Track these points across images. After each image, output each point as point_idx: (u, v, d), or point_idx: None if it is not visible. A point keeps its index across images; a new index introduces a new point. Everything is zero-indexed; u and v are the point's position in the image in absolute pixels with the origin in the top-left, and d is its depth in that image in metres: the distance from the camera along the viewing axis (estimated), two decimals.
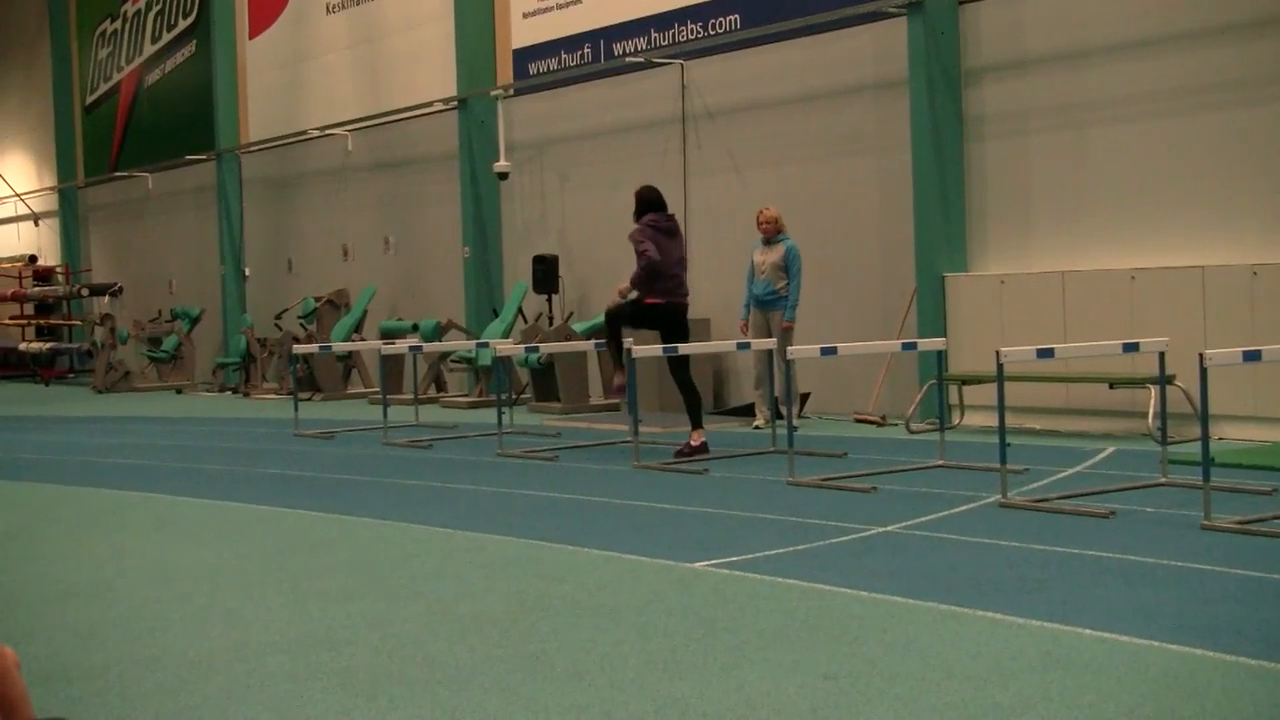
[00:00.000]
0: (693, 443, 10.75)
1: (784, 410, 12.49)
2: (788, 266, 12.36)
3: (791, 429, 9.43)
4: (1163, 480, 8.36)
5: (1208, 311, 10.63)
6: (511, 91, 17.58)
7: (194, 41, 24.29)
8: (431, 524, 8.02)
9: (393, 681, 4.70)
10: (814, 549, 6.83)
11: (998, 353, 7.90)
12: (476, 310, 17.79)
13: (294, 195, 22.19)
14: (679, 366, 11.07)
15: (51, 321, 27.74)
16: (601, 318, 15.53)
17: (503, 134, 17.38)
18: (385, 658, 5.02)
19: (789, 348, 10.09)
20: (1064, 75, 12.00)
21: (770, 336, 12.16)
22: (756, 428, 12.60)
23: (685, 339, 11.10)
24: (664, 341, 11.05)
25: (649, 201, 11.14)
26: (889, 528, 7.28)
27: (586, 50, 16.63)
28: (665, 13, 15.59)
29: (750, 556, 6.64)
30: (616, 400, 11.94)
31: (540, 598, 5.95)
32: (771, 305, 12.45)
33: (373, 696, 4.54)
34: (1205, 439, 7.05)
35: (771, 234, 12.56)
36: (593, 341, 14.04)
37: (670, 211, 11.20)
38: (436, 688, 4.61)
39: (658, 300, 10.98)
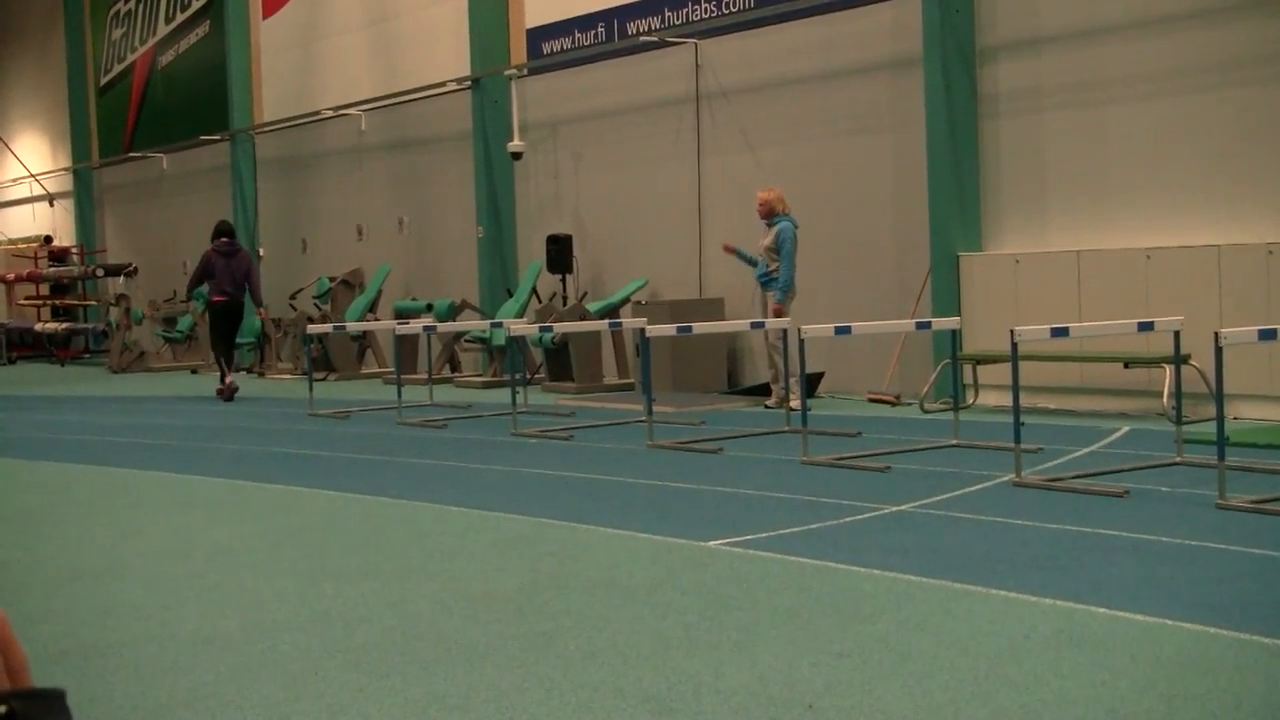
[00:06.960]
0: (226, 384, 15.87)
1: (775, 389, 12.56)
2: (778, 248, 12.38)
3: (805, 408, 9.42)
4: (1177, 459, 8.34)
5: (1223, 290, 10.59)
6: (525, 71, 17.54)
7: (208, 21, 24.28)
8: (446, 503, 8.04)
9: (406, 660, 4.72)
10: (827, 528, 6.83)
11: (1012, 332, 7.88)
12: (490, 290, 17.78)
13: (308, 175, 22.20)
14: (229, 336, 16.35)
15: (67, 302, 27.80)
16: (613, 299, 15.62)
17: (516, 114, 17.35)
18: (399, 636, 5.04)
19: (785, 328, 10.33)
20: (1079, 53, 11.93)
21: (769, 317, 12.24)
22: (767, 407, 12.60)
23: (238, 325, 16.52)
24: (224, 329, 16.18)
25: (217, 231, 16.24)
26: (903, 506, 7.28)
27: (600, 29, 16.58)
28: None
29: (764, 535, 6.64)
30: (226, 398, 15.84)
31: (554, 576, 5.96)
32: (767, 286, 12.55)
33: (386, 675, 4.55)
34: (1220, 418, 7.03)
35: (764, 215, 12.59)
36: (607, 321, 14.05)
37: (233, 239, 16.30)
38: (450, 666, 4.62)
39: (220, 299, 15.96)
